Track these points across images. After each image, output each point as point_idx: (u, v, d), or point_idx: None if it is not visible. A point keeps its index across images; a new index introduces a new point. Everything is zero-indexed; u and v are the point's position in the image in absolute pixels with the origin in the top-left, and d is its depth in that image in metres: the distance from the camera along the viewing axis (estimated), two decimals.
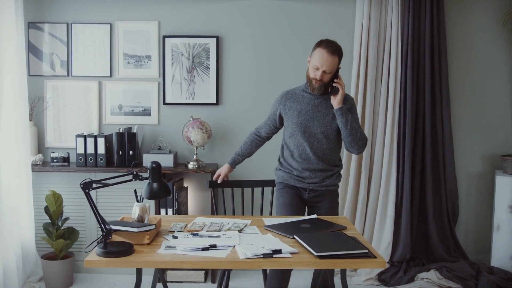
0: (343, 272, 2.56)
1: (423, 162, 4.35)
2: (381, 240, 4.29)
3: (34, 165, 4.12)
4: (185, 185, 4.36)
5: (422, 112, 4.31)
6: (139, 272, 2.52)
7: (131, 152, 4.11)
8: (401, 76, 4.25)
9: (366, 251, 2.29)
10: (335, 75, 3.07)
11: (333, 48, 2.99)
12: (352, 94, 4.26)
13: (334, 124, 3.12)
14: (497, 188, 4.20)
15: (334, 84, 3.05)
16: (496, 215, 4.20)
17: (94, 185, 2.35)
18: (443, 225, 4.35)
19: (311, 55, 3.07)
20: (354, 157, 4.28)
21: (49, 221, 3.98)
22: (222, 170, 3.41)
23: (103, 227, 2.33)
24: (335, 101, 3.04)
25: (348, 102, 3.15)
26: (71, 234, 4.04)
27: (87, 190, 2.31)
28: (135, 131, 4.17)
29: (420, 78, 4.28)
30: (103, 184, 2.40)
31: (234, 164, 3.45)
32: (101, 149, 4.12)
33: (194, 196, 4.39)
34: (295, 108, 3.14)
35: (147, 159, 4.11)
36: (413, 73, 4.23)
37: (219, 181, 3.39)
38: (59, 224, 3.98)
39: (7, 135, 3.77)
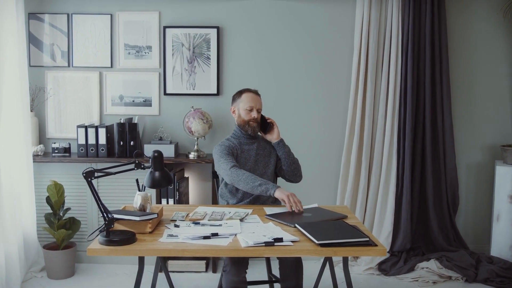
0: (345, 261, 2.57)
1: (423, 152, 4.35)
2: (381, 230, 4.30)
3: (36, 156, 4.12)
4: (186, 175, 4.36)
5: (422, 103, 4.30)
6: (141, 260, 2.53)
7: (132, 143, 4.12)
8: (402, 66, 4.24)
9: (367, 239, 2.31)
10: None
11: (256, 90, 3.29)
12: (352, 85, 4.27)
13: (272, 162, 3.29)
14: (497, 178, 4.20)
15: (268, 121, 3.29)
16: (496, 205, 4.20)
17: (96, 174, 2.36)
18: (443, 215, 4.35)
19: (237, 103, 3.25)
20: (354, 147, 4.28)
21: (51, 211, 3.98)
22: (293, 197, 2.85)
23: (105, 215, 2.34)
24: (274, 135, 3.28)
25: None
26: (72, 224, 4.05)
27: (89, 179, 2.32)
28: (136, 122, 4.17)
29: (421, 69, 4.27)
30: (105, 173, 2.41)
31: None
32: (102, 140, 4.13)
33: (195, 186, 4.40)
34: (241, 156, 3.21)
35: (148, 150, 4.11)
36: (414, 64, 4.22)
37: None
38: (61, 214, 3.98)
39: (8, 126, 3.77)
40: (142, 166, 2.52)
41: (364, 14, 4.20)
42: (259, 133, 3.31)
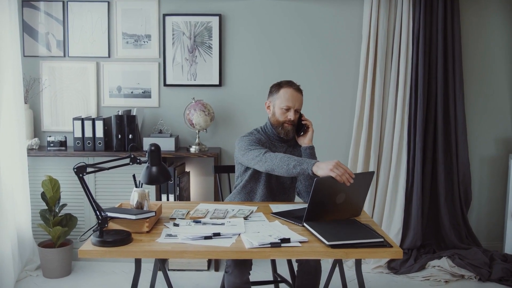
0: (358, 263, 2.41)
1: (434, 145, 4.20)
2: (391, 227, 4.15)
3: (30, 150, 3.99)
4: (187, 169, 4.22)
5: (434, 94, 4.14)
6: (137, 262, 2.38)
7: (130, 136, 3.97)
8: (412, 56, 4.08)
9: (382, 239, 2.14)
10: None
11: (298, 85, 2.89)
12: (360, 75, 4.12)
13: None
14: (511, 172, 4.07)
15: (303, 122, 2.93)
16: (510, 200, 4.07)
17: (88, 169, 2.19)
18: (455, 211, 4.21)
19: (274, 98, 2.88)
20: (363, 140, 4.12)
21: (46, 207, 3.84)
22: (338, 169, 2.39)
23: (98, 214, 2.18)
24: (306, 139, 2.90)
25: None
26: (69, 221, 3.91)
27: (81, 175, 2.15)
28: (134, 114, 4.02)
29: (432, 59, 4.12)
30: (98, 168, 2.24)
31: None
32: (100, 133, 3.98)
33: (196, 181, 4.25)
34: None
35: (147, 143, 3.96)
36: (425, 54, 4.06)
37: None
38: (56, 210, 3.84)
39: (1, 119, 3.63)
40: (138, 160, 2.36)
41: (373, 3, 4.02)
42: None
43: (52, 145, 4.03)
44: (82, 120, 3.97)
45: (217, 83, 4.20)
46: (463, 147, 4.17)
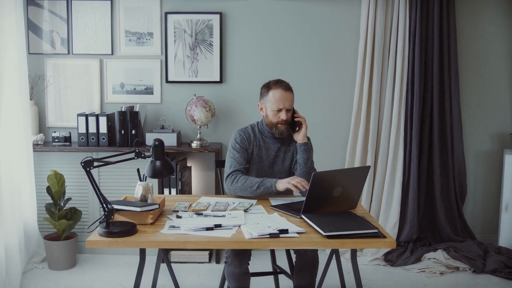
0: (353, 253, 2.50)
1: (430, 140, 4.27)
2: (388, 220, 4.23)
3: (35, 145, 4.06)
4: (188, 164, 4.30)
5: (430, 90, 4.21)
6: (142, 252, 2.47)
7: (133, 131, 4.04)
8: (409, 52, 4.14)
9: (376, 230, 2.23)
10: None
11: (286, 84, 2.94)
12: (358, 70, 4.19)
13: (290, 166, 3.05)
14: (505, 167, 4.12)
15: (296, 119, 2.98)
16: (504, 194, 4.13)
17: (95, 163, 2.28)
18: (451, 204, 4.28)
19: (264, 100, 2.95)
20: (360, 135, 4.20)
21: (51, 201, 3.92)
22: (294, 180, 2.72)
23: (105, 206, 2.27)
24: (300, 136, 2.97)
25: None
26: (73, 215, 3.99)
27: (88, 169, 2.25)
28: (137, 110, 4.09)
29: (428, 55, 4.18)
30: (104, 162, 2.34)
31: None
32: (103, 129, 4.06)
33: (197, 175, 4.33)
34: (256, 154, 2.99)
35: (150, 138, 4.04)
36: (421, 49, 4.13)
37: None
38: (62, 204, 3.92)
39: (7, 115, 3.69)
40: (143, 155, 2.45)
41: (371, 2, 4.09)
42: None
43: (57, 140, 4.10)
44: (86, 116, 4.05)
45: (218, 80, 4.27)
46: (459, 142, 4.24)
